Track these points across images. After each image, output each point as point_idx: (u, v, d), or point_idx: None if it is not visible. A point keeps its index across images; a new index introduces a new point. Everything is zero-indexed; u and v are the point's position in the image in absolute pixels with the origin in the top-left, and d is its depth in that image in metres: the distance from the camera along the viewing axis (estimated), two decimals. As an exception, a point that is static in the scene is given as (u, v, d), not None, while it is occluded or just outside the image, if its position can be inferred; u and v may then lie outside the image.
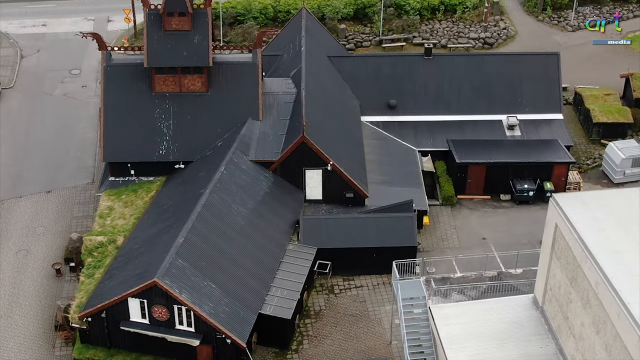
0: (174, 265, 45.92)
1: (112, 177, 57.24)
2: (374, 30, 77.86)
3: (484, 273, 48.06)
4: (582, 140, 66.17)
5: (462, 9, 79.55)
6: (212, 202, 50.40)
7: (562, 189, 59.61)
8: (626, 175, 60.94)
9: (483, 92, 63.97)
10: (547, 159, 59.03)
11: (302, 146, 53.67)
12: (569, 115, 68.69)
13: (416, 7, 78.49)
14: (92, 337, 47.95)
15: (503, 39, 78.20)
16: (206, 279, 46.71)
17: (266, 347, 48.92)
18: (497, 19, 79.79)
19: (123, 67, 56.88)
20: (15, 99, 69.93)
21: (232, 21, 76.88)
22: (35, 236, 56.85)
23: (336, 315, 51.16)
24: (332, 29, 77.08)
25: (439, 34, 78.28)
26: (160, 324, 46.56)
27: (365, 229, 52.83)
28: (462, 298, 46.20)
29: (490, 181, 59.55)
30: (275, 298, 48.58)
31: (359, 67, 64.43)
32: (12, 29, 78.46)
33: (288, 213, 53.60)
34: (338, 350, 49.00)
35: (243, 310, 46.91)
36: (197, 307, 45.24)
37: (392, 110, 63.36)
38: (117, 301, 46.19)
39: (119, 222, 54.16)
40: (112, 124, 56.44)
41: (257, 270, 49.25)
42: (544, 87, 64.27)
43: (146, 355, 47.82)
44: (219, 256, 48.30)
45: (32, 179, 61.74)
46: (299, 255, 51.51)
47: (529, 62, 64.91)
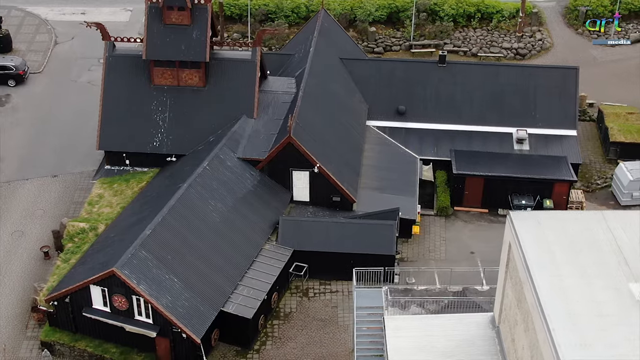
0: (136, 256, 46.35)
1: (108, 165, 58.15)
2: (404, 35, 77.00)
3: (448, 287, 46.95)
4: (599, 159, 64.06)
5: (499, 18, 77.89)
6: (189, 197, 50.68)
7: (563, 208, 57.88)
8: (634, 198, 58.76)
9: (495, 104, 62.58)
10: (547, 176, 57.38)
11: (289, 147, 53.48)
12: (590, 133, 66.68)
13: (450, 14, 77.24)
14: (59, 321, 48.84)
15: (537, 50, 76.34)
16: (169, 272, 47.01)
17: (228, 345, 48.98)
18: (534, 29, 77.92)
19: (125, 58, 57.78)
20: (41, 84, 71.72)
21: (262, 18, 77.08)
22: (32, 218, 58.17)
23: (305, 318, 50.85)
24: (362, 31, 76.62)
25: (471, 42, 76.91)
26: (120, 313, 47.10)
27: (344, 234, 52.34)
28: (420, 311, 45.30)
29: (489, 194, 58.24)
30: (241, 297, 48.57)
31: (371, 70, 63.85)
32: (51, 16, 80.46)
33: (270, 213, 53.50)
34: (299, 354, 48.72)
35: (203, 306, 47.04)
36: (154, 300, 45.59)
37: (400, 117, 62.56)
38: (79, 287, 46.94)
39: (105, 210, 55.02)
40: (110, 113, 57.39)
41: (226, 267, 49.31)
42: (559, 102, 62.48)
43: (108, 343, 48.43)
44: (186, 250, 48.54)
45: (41, 162, 63.17)
46: (273, 255, 51.37)
47: (545, 75, 63.18)
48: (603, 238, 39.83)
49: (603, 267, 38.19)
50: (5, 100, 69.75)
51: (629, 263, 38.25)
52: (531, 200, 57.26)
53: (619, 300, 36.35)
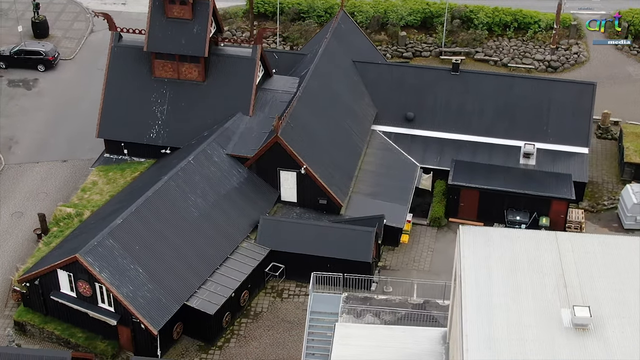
0: (102, 244, 46.95)
1: (107, 154, 59.08)
2: (436, 41, 75.88)
3: (409, 299, 46.05)
4: (612, 180, 61.82)
5: (535, 29, 75.93)
6: (167, 189, 51.05)
7: (560, 227, 56.12)
8: (637, 222, 56.51)
9: (507, 116, 61.07)
10: (544, 193, 55.69)
11: (276, 146, 53.31)
12: (609, 152, 64.48)
13: (485, 22, 75.71)
14: (32, 302, 49.85)
15: (571, 63, 74.11)
16: (134, 263, 47.46)
17: (192, 340, 49.17)
18: (571, 42, 75.66)
19: (129, 49, 58.64)
20: (70, 71, 73.33)
21: (294, 17, 77.06)
22: (35, 201, 59.54)
23: (274, 319, 50.68)
24: (393, 35, 75.85)
25: (503, 52, 75.22)
26: (84, 299, 47.83)
27: (323, 238, 51.92)
28: (375, 321, 44.56)
29: (484, 208, 56.92)
30: (207, 292, 48.68)
31: (383, 75, 63.09)
32: (92, 5, 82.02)
33: (253, 211, 53.44)
34: (260, 354, 48.59)
35: (166, 298, 47.34)
36: (115, 288, 46.10)
37: (408, 123, 61.64)
38: (47, 271, 47.88)
39: (95, 197, 55.93)
40: (111, 102, 58.31)
41: (197, 262, 49.48)
42: (573, 118, 60.58)
43: (76, 328, 49.21)
44: (157, 242, 48.91)
45: (54, 147, 64.62)
46: (249, 254, 51.34)
47: (561, 90, 61.33)
48: (549, 260, 38.60)
49: (539, 290, 36.99)
50: (33, 85, 71.60)
51: (568, 287, 36.92)
52: (526, 217, 55.72)
53: (546, 326, 35.14)
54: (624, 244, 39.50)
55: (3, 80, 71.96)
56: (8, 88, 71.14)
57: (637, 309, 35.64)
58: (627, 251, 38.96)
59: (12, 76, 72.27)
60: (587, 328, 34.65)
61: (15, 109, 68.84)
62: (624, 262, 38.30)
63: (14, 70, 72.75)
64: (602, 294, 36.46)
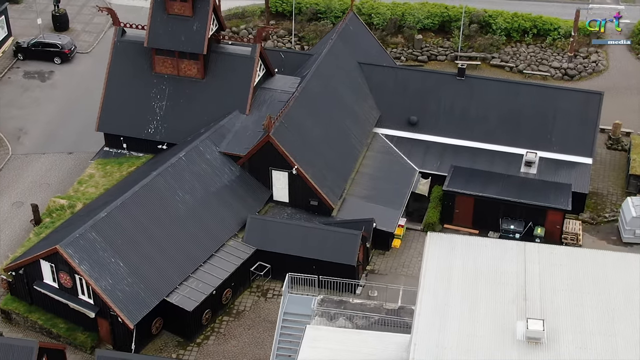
0: (84, 236, 47.36)
1: (107, 147, 59.61)
2: (452, 45, 75.14)
3: (384, 304, 45.58)
4: (618, 192, 60.57)
5: (555, 35, 74.73)
6: (155, 185, 51.29)
7: (556, 237, 55.20)
8: (636, 236, 55.25)
9: (511, 123, 60.24)
10: (540, 202, 54.74)
11: (268, 146, 53.26)
12: (618, 163, 63.22)
13: (504, 27, 74.74)
14: (17, 291, 50.49)
15: (588, 72, 72.82)
16: (116, 256, 47.76)
17: (172, 335, 49.35)
18: (590, 50, 74.33)
19: (131, 45, 59.08)
20: (86, 64, 74.14)
21: (311, 17, 76.94)
22: (36, 191, 60.30)
23: (255, 318, 50.64)
24: (409, 38, 75.31)
25: (520, 58, 74.18)
26: (65, 290, 48.28)
27: (309, 239, 51.70)
28: (347, 325, 44.20)
29: (479, 215, 56.17)
30: (188, 289, 48.83)
31: (388, 78, 62.67)
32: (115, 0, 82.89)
33: (242, 209, 53.45)
34: (238, 353, 48.59)
35: (146, 293, 47.56)
36: (93, 281, 46.46)
37: (411, 127, 61.17)
38: (31, 260, 48.43)
39: (91, 190, 56.46)
40: (112, 97, 58.83)
41: (180, 258, 49.63)
42: (578, 127, 59.54)
43: (59, 318, 49.69)
44: (141, 237, 49.16)
45: (62, 139, 65.38)
46: (234, 252, 51.37)
47: (567, 98, 60.31)
48: (513, 271, 38.03)
49: (498, 301, 36.45)
50: (48, 77, 72.57)
51: (527, 300, 36.31)
52: (521, 226, 54.85)
53: (498, 337, 34.60)
54: (594, 258, 38.73)
55: (19, 71, 73.09)
56: (23, 79, 72.22)
57: (594, 325, 34.91)
58: (596, 266, 38.17)
59: (28, 68, 73.36)
60: (540, 342, 34.00)
61: (28, 101, 69.85)
62: (591, 277, 37.52)
63: (31, 62, 73.86)
64: (562, 308, 35.78)
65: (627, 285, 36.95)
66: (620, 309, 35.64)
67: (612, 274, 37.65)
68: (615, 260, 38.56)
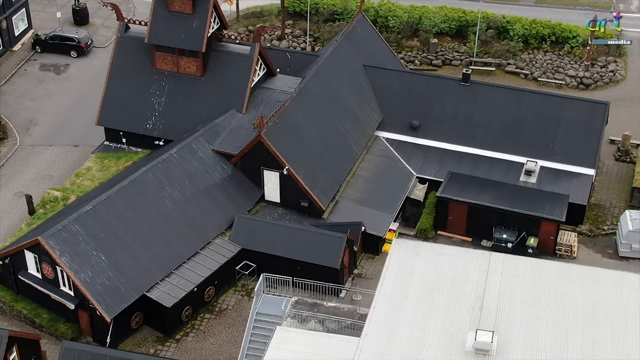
0: (67, 229, 47.79)
1: (107, 142, 60.14)
2: (468, 50, 74.35)
3: (358, 309, 45.23)
4: (621, 204, 59.31)
5: (573, 43, 73.51)
6: (144, 180, 51.56)
7: (550, 249, 54.30)
8: (632, 250, 54.07)
9: (513, 130, 59.44)
10: (532, 212, 53.85)
11: (259, 145, 53.25)
12: (625, 175, 61.92)
13: (521, 33, 73.73)
14: (5, 280, 51.16)
15: (604, 82, 71.48)
16: (98, 250, 48.12)
17: (153, 331, 49.57)
18: (609, 59, 72.96)
19: (134, 40, 59.51)
20: (101, 58, 74.78)
21: (327, 18, 76.76)
22: (39, 182, 61.05)
23: (237, 317, 50.63)
24: (424, 41, 74.72)
25: (536, 65, 73.10)
26: (48, 281, 48.78)
27: (294, 240, 51.53)
28: (318, 328, 43.98)
29: (473, 223, 55.48)
30: (169, 285, 49.01)
31: (392, 81, 62.25)
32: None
33: (231, 208, 53.49)
34: (215, 350, 48.65)
35: (126, 287, 47.83)
36: (73, 273, 46.87)
37: (413, 131, 60.67)
38: (15, 250, 49.02)
39: (86, 182, 57.01)
40: (113, 91, 59.36)
41: (164, 254, 49.82)
42: (582, 137, 58.53)
43: (42, 308, 50.22)
44: (125, 232, 49.45)
45: (70, 131, 66.11)
46: (219, 250, 51.43)
47: (572, 107, 59.32)
48: (473, 280, 37.57)
49: (453, 309, 36.03)
50: (63, 70, 73.47)
51: (483, 310, 35.83)
52: (514, 235, 54.03)
53: (446, 347, 34.20)
54: (560, 272, 38.07)
55: (36, 64, 74.10)
56: (39, 72, 73.21)
57: (547, 339, 34.31)
58: (560, 279, 37.52)
59: (45, 60, 74.34)
60: (488, 354, 33.50)
61: (42, 92, 70.77)
62: (553, 290, 36.88)
63: (48, 54, 74.82)
64: (517, 321, 35.23)
65: (589, 301, 36.26)
66: (577, 325, 35.00)
67: (575, 288, 36.99)
68: (582, 275, 37.86)
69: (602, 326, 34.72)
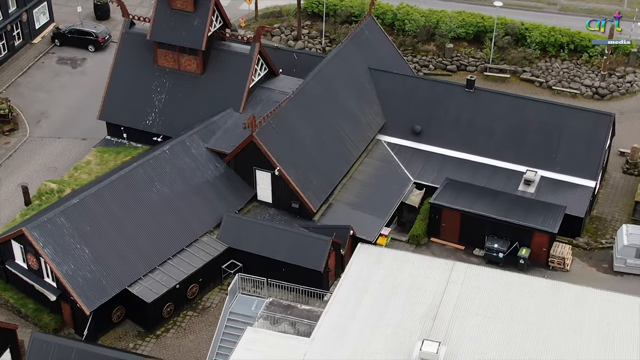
0: (52, 221, 48.31)
1: (109, 136, 60.74)
2: (484, 56, 73.53)
3: (331, 313, 44.93)
4: (623, 218, 58.12)
5: (592, 52, 72.24)
6: (134, 175, 51.89)
7: (542, 260, 53.42)
8: (627, 266, 52.96)
9: (516, 139, 58.59)
10: (525, 222, 53.02)
11: (251, 145, 53.27)
12: (631, 188, 60.67)
13: (539, 41, 72.69)
14: (-6, 269, 52.05)
15: (621, 92, 70.13)
16: (82, 243, 48.56)
17: (135, 325, 49.91)
18: (628, 70, 71.56)
19: (138, 37, 59.96)
20: (118, 53, 75.60)
21: (345, 19, 76.57)
22: (42, 174, 61.83)
23: (219, 316, 50.21)
24: (440, 46, 74.09)
25: (552, 74, 71.99)
26: (33, 271, 49.39)
27: (281, 242, 51.44)
28: (288, 330, 43.82)
29: (466, 231, 54.83)
30: (152, 280, 49.27)
31: (396, 85, 61.76)
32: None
33: (222, 206, 53.57)
34: (194, 348, 48.81)
35: (107, 281, 48.20)
36: (55, 265, 47.37)
37: (414, 136, 60.18)
38: (2, 240, 49.70)
39: (83, 176, 57.62)
40: (115, 87, 59.92)
41: (148, 250, 50.10)
42: (585, 149, 57.44)
43: (29, 299, 50.87)
44: (110, 226, 49.82)
45: (79, 125, 66.86)
46: (206, 248, 51.57)
47: (576, 118, 58.24)
48: (432, 289, 37.18)
49: (406, 318, 35.74)
50: (80, 64, 74.38)
51: (436, 320, 35.39)
52: (505, 245, 53.26)
53: (393, 356, 33.83)
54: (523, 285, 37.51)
55: (54, 57, 75.14)
56: (56, 65, 74.22)
57: (496, 352, 33.74)
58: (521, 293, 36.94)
59: (63, 54, 75.34)
60: (433, 364, 33.03)
61: (56, 85, 71.73)
62: (511, 303, 36.29)
63: (66, 48, 75.81)
64: (469, 332, 34.74)
65: (548, 316, 35.63)
66: (530, 339, 34.40)
67: (535, 302, 36.39)
68: (545, 289, 37.22)
69: (556, 342, 34.04)
